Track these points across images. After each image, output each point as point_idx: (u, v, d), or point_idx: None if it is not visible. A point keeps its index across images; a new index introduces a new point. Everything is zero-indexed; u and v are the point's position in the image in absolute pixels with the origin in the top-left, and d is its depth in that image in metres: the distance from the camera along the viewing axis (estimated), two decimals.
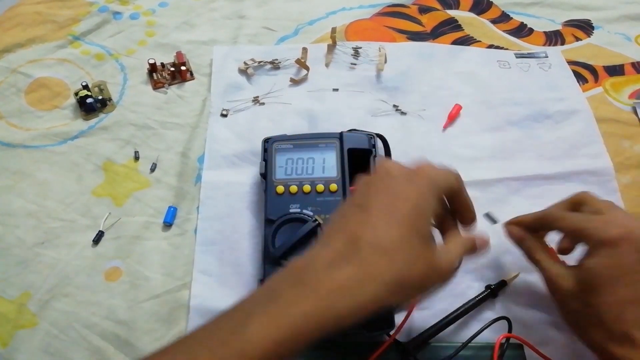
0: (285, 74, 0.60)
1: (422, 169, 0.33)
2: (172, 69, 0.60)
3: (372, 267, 0.29)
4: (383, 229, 0.30)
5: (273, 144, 0.48)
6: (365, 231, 0.30)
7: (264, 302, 0.29)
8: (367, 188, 0.33)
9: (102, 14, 0.66)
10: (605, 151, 0.53)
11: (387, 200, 0.32)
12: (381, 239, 0.30)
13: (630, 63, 0.62)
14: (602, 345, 0.34)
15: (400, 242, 0.30)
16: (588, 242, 0.36)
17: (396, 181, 0.33)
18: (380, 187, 0.33)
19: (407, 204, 0.31)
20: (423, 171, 0.33)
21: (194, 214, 0.49)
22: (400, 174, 0.33)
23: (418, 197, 0.32)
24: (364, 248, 0.29)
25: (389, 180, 0.33)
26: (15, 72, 0.60)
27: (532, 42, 0.65)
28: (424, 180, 0.33)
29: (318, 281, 0.28)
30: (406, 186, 0.32)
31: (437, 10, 0.70)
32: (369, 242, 0.29)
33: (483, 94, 0.58)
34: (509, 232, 0.42)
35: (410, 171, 0.33)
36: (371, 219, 0.31)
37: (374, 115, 0.56)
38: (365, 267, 0.29)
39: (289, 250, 0.41)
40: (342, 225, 0.32)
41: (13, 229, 0.48)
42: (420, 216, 0.31)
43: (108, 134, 0.55)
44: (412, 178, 0.33)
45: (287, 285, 0.29)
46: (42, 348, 0.41)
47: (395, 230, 0.30)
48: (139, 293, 0.44)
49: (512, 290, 0.44)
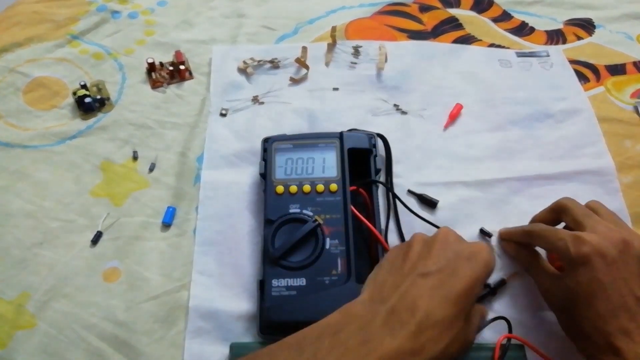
0: (285, 73, 0.60)
1: (481, 251, 0.35)
2: (171, 68, 0.60)
3: (423, 339, 0.30)
4: (439, 304, 0.32)
5: (273, 143, 0.48)
6: (422, 301, 0.32)
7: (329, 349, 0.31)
8: (427, 251, 0.35)
9: (100, 13, 0.66)
10: (606, 151, 0.53)
11: (446, 272, 0.33)
12: (436, 314, 0.31)
13: (632, 62, 0.62)
14: (591, 354, 0.35)
15: (450, 320, 0.31)
16: (563, 259, 0.38)
17: (456, 256, 0.34)
18: (440, 256, 0.34)
19: (462, 284, 0.33)
20: (481, 254, 0.35)
21: (193, 214, 0.49)
22: (460, 249, 0.35)
23: (473, 279, 0.33)
24: (419, 318, 0.31)
25: (449, 251, 0.35)
26: (14, 72, 0.60)
27: (534, 41, 0.65)
28: (480, 264, 0.34)
29: (377, 342, 0.30)
30: (464, 265, 0.34)
31: (437, 8, 0.69)
32: (425, 314, 0.31)
33: (484, 93, 0.58)
34: (503, 248, 0.46)
35: (470, 250, 0.35)
36: (430, 291, 0.32)
37: (374, 115, 0.56)
38: (417, 338, 0.30)
39: (288, 250, 0.41)
40: (400, 283, 0.33)
41: (11, 229, 0.47)
42: (470, 297, 0.33)
43: (106, 133, 0.55)
44: (471, 258, 0.34)
45: (352, 334, 0.31)
46: (40, 349, 0.41)
47: (449, 308, 0.32)
48: (137, 294, 0.44)
49: (512, 292, 0.44)
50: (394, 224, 0.48)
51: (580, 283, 0.35)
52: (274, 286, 0.40)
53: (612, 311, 0.34)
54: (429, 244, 0.36)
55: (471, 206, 0.49)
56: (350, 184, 0.45)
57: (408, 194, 0.50)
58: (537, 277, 0.41)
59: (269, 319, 0.40)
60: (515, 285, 0.44)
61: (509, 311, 0.42)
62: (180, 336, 0.42)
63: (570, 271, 0.36)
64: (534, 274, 0.41)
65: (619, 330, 0.34)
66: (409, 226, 0.47)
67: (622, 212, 0.49)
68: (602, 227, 0.37)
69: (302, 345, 0.32)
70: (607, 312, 0.34)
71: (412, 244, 0.36)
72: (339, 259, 0.41)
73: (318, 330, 0.32)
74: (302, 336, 0.32)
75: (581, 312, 0.35)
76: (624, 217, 0.48)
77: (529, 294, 0.44)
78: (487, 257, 0.35)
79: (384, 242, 0.43)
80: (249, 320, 0.42)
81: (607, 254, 0.35)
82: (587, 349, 0.36)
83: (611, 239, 0.36)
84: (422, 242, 0.36)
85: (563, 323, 0.39)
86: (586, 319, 0.35)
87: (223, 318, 0.42)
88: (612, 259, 0.35)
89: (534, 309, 0.43)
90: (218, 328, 0.42)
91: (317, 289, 0.40)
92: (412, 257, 0.35)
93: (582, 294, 0.35)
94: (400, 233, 0.47)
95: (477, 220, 0.48)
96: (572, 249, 0.36)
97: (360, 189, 0.46)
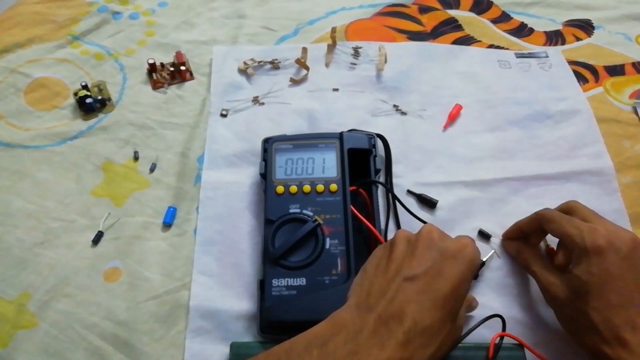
0: (285, 73, 0.60)
1: (465, 247, 0.35)
2: (172, 68, 0.60)
3: (412, 348, 0.30)
4: (427, 310, 0.31)
5: (273, 144, 0.48)
6: (410, 308, 0.31)
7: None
8: (412, 252, 0.35)
9: (101, 14, 0.66)
10: (605, 151, 0.53)
11: (431, 273, 0.33)
12: (424, 321, 0.31)
13: (630, 63, 0.62)
14: (596, 347, 0.35)
15: (438, 325, 0.31)
16: (574, 248, 0.38)
17: (441, 255, 0.34)
18: (425, 256, 0.34)
19: (449, 285, 0.32)
20: (466, 250, 0.34)
21: (193, 214, 0.49)
22: (445, 247, 0.34)
23: (460, 279, 0.33)
24: (407, 327, 0.31)
25: (434, 250, 0.34)
26: (15, 72, 0.60)
27: (533, 42, 0.65)
28: (465, 261, 0.34)
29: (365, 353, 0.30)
30: (450, 264, 0.33)
31: (437, 10, 0.69)
32: (413, 321, 0.31)
33: (483, 93, 0.58)
34: (505, 248, 0.46)
35: (455, 247, 0.34)
36: (417, 296, 0.32)
37: (374, 115, 0.56)
38: (406, 348, 0.30)
39: (288, 250, 0.41)
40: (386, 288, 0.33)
41: (12, 229, 0.48)
42: (459, 298, 0.33)
43: (107, 134, 0.55)
44: (456, 256, 0.34)
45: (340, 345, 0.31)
46: (41, 348, 0.41)
47: (437, 313, 0.32)
48: (138, 293, 0.44)
49: (512, 291, 0.44)
50: (393, 224, 0.48)
51: (592, 273, 0.36)
52: (274, 286, 0.40)
53: (622, 303, 0.34)
54: (412, 243, 0.35)
55: (470, 206, 0.49)
56: (350, 184, 0.45)
57: (407, 194, 0.50)
58: (539, 272, 0.41)
59: (269, 319, 0.40)
60: (513, 284, 0.44)
61: (508, 310, 0.43)
62: (180, 336, 0.42)
63: (581, 261, 0.37)
64: (536, 270, 0.41)
65: (627, 322, 0.34)
66: (409, 226, 0.47)
67: (621, 212, 0.49)
68: (612, 225, 0.38)
69: (290, 356, 0.31)
70: (617, 304, 0.34)
71: (396, 243, 0.36)
72: (339, 258, 0.41)
73: (306, 340, 0.32)
74: (290, 346, 0.32)
75: (590, 303, 0.35)
76: (623, 217, 0.48)
77: (527, 292, 0.44)
78: (472, 254, 0.34)
79: (383, 242, 0.43)
80: (249, 319, 0.42)
81: (620, 249, 0.36)
82: (591, 342, 0.36)
83: (623, 236, 0.37)
84: (406, 241, 0.36)
85: (565, 317, 0.39)
86: (594, 309, 0.35)
87: (223, 317, 0.42)
88: (624, 254, 0.36)
89: (532, 307, 0.43)
90: (218, 327, 0.42)
91: (317, 288, 0.40)
92: (396, 258, 0.35)
93: (593, 284, 0.35)
94: None
95: (477, 220, 0.48)
96: (587, 238, 0.36)
97: (360, 189, 0.46)
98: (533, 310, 0.43)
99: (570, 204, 0.43)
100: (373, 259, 0.37)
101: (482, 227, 0.47)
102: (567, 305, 0.37)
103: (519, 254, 0.44)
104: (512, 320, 0.42)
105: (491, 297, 0.44)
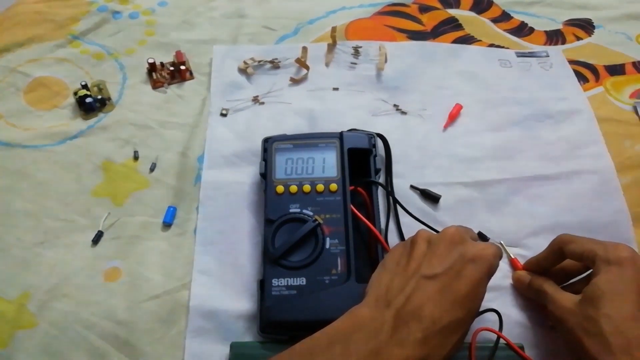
0: (285, 73, 0.60)
1: (487, 251, 0.35)
2: (172, 68, 0.60)
3: (430, 346, 0.31)
4: (445, 310, 0.32)
5: (273, 143, 0.48)
6: (428, 307, 0.32)
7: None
8: (433, 251, 0.35)
9: (101, 13, 0.66)
10: (606, 151, 0.53)
11: (451, 273, 0.33)
12: (442, 320, 0.32)
13: (631, 62, 0.62)
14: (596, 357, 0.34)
15: (455, 325, 0.32)
16: (596, 262, 0.37)
17: (461, 257, 0.34)
18: (446, 257, 0.34)
19: (469, 286, 0.33)
20: (486, 254, 0.34)
21: (193, 214, 0.49)
22: (465, 250, 0.34)
23: (479, 281, 0.33)
24: (426, 325, 0.31)
25: (454, 252, 0.34)
26: (15, 72, 0.60)
27: (533, 42, 0.65)
28: (485, 265, 0.34)
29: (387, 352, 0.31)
30: (469, 267, 0.33)
31: (437, 9, 0.69)
32: (432, 320, 0.31)
33: (484, 93, 0.58)
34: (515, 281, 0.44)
35: (475, 251, 0.34)
36: (435, 295, 0.32)
37: (374, 115, 0.56)
38: (424, 346, 0.31)
39: (288, 250, 0.41)
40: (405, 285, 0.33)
41: (12, 229, 0.48)
42: (477, 300, 0.33)
43: (107, 133, 0.55)
44: (475, 260, 0.34)
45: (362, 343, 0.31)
46: (41, 348, 0.41)
47: (455, 313, 0.32)
48: (138, 293, 0.44)
49: (511, 291, 0.44)
50: (393, 224, 0.48)
51: (610, 281, 0.35)
52: (274, 285, 0.40)
53: (635, 316, 0.33)
54: (434, 243, 0.35)
55: (471, 206, 0.49)
56: (350, 184, 0.45)
57: (411, 189, 0.50)
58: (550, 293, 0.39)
59: (269, 319, 0.40)
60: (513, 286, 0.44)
61: (508, 310, 0.43)
62: (180, 335, 0.42)
63: (600, 271, 0.36)
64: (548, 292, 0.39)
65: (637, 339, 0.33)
66: (409, 226, 0.47)
67: (622, 212, 0.49)
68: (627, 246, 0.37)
69: (314, 354, 0.32)
70: (631, 317, 0.33)
71: (417, 241, 0.36)
72: (339, 258, 0.41)
73: (328, 337, 0.32)
74: (313, 344, 0.32)
75: (601, 310, 0.34)
76: (625, 217, 0.48)
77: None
78: (492, 259, 0.35)
79: (383, 241, 0.43)
80: (249, 319, 0.42)
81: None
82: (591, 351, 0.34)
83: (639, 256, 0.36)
84: (427, 241, 0.36)
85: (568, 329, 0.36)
86: (606, 316, 0.34)
87: (223, 317, 0.42)
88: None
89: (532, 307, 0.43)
90: (218, 327, 0.42)
91: (317, 288, 0.40)
92: (416, 256, 0.35)
93: (609, 292, 0.34)
94: (400, 233, 0.47)
95: (477, 220, 0.48)
96: (610, 250, 0.36)
97: (360, 188, 0.46)
98: (532, 311, 0.43)
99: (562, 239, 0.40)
100: (393, 255, 0.37)
101: (482, 227, 0.47)
102: (574, 314, 0.36)
103: (531, 283, 0.42)
104: (512, 321, 0.42)
105: (491, 297, 0.43)
